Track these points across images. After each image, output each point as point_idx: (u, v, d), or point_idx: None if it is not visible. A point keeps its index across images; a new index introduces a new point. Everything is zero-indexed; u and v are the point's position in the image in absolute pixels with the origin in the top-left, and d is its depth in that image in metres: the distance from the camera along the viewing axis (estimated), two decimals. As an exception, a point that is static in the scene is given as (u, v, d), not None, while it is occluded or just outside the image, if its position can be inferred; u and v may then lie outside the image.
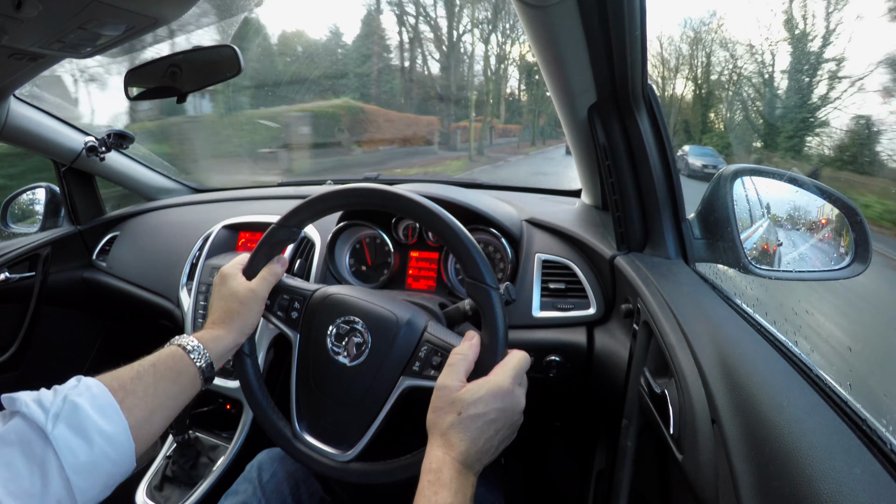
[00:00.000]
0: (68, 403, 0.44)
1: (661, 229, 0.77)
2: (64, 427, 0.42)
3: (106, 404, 0.46)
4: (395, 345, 0.60)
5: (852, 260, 0.70)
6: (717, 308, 0.62)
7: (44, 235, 1.41)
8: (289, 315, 0.67)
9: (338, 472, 0.61)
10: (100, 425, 0.44)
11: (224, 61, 0.88)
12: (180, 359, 0.55)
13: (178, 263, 1.17)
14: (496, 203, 1.02)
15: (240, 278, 0.64)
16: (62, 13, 0.64)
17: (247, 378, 0.67)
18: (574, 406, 1.12)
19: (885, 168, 7.79)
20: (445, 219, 0.58)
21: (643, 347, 0.66)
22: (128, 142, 1.35)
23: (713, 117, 14.63)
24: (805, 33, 10.57)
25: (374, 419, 0.60)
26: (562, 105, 0.82)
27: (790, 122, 10.72)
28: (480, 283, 0.55)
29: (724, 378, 0.47)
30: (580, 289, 0.87)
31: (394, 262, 1.00)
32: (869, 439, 0.36)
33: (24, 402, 0.42)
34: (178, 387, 0.54)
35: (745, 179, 0.81)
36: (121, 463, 0.46)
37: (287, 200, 1.26)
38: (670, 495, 0.66)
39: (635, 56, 0.64)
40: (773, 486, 0.35)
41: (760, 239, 0.82)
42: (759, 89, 12.16)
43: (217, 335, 0.60)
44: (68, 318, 1.50)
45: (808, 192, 0.75)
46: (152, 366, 0.53)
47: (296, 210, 0.65)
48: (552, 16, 0.60)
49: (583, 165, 1.02)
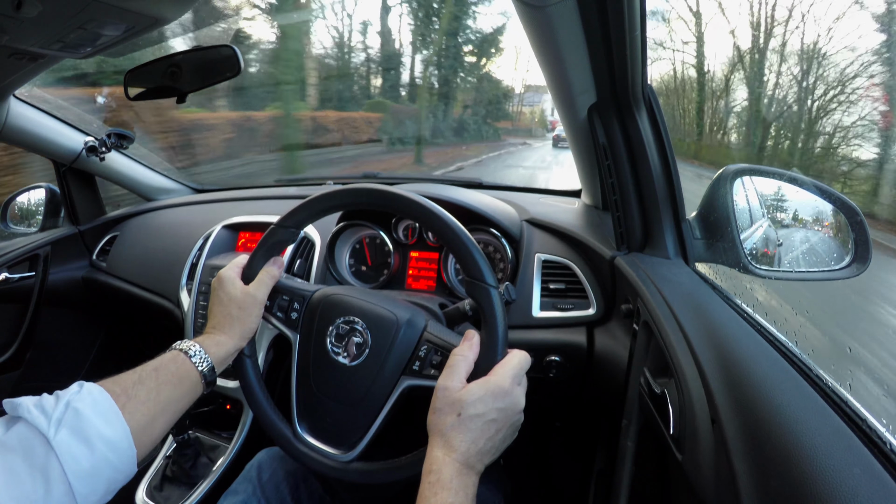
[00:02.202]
0: (70, 409, 0.44)
1: (661, 229, 0.77)
2: (66, 433, 0.42)
3: (108, 410, 0.46)
4: (395, 344, 0.60)
5: (852, 260, 0.70)
6: (717, 308, 0.62)
7: (44, 236, 1.41)
8: (288, 316, 0.67)
9: (339, 472, 0.61)
10: (102, 431, 0.44)
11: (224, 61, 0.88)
12: (182, 363, 0.56)
13: (178, 263, 1.17)
14: (496, 203, 1.02)
15: (237, 282, 0.64)
16: (62, 13, 0.64)
17: (247, 380, 0.67)
18: (574, 406, 1.12)
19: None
20: (444, 218, 0.58)
21: (643, 347, 0.66)
22: (128, 142, 1.35)
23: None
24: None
25: (374, 419, 0.60)
26: (562, 105, 0.82)
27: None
28: (480, 283, 0.55)
29: (724, 378, 0.47)
30: (580, 289, 0.87)
31: (394, 263, 1.00)
32: (869, 439, 0.36)
33: (26, 408, 0.43)
34: (179, 391, 0.54)
35: (745, 179, 0.81)
36: (122, 468, 0.46)
37: (287, 200, 1.26)
38: (670, 495, 0.66)
39: (635, 56, 0.64)
40: (773, 486, 0.35)
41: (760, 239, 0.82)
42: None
43: (218, 340, 0.60)
44: (68, 318, 1.50)
45: (808, 191, 0.75)
46: (154, 370, 0.53)
47: (293, 211, 0.65)
48: (552, 16, 0.60)
49: (583, 165, 1.02)
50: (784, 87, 10.64)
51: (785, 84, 10.66)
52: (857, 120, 8.38)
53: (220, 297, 0.63)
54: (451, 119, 14.35)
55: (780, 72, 10.85)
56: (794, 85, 10.30)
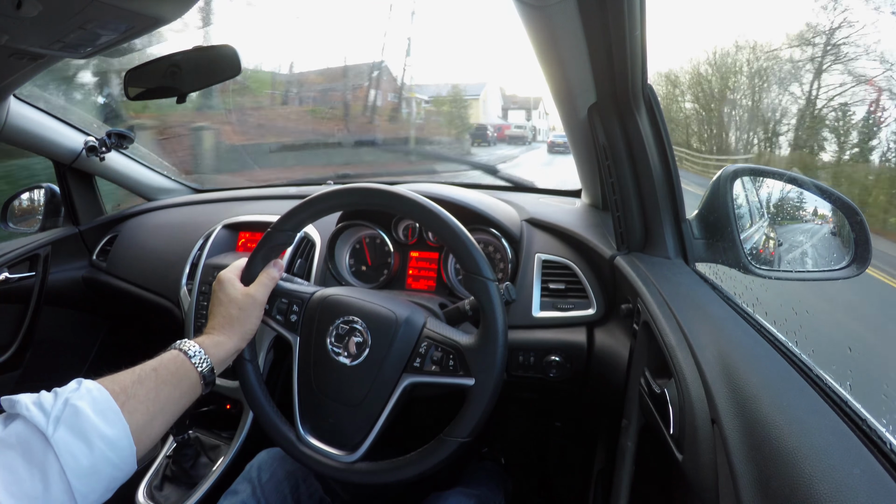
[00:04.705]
0: (69, 407, 0.44)
1: (661, 229, 0.77)
2: (65, 431, 0.42)
3: (107, 408, 0.46)
4: (395, 342, 0.60)
5: (852, 260, 0.70)
6: (717, 308, 0.62)
7: (44, 235, 1.41)
8: (288, 319, 0.67)
9: (344, 473, 0.61)
10: (101, 429, 0.44)
11: (224, 61, 0.88)
12: (182, 364, 0.56)
13: (179, 263, 1.17)
14: (496, 203, 1.02)
15: (237, 284, 0.64)
16: (62, 13, 0.64)
17: (249, 384, 0.67)
18: (574, 406, 1.12)
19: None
20: (438, 212, 0.58)
21: (643, 347, 0.66)
22: (128, 142, 1.35)
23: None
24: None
25: (377, 418, 0.60)
26: (562, 105, 0.82)
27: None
28: (477, 276, 0.55)
29: (724, 378, 0.47)
30: (580, 289, 0.87)
31: (394, 262, 1.00)
32: (869, 439, 0.36)
33: (24, 405, 0.42)
34: (179, 391, 0.54)
35: (745, 179, 0.81)
36: (122, 467, 0.46)
37: (287, 200, 1.26)
38: (670, 495, 0.66)
39: (635, 56, 0.64)
40: (773, 486, 0.35)
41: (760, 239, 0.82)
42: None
43: (218, 340, 0.60)
44: (68, 318, 1.50)
45: (807, 191, 0.75)
46: (154, 370, 0.53)
47: (290, 213, 0.65)
48: (552, 16, 0.60)
49: (583, 165, 1.02)
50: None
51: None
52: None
53: (220, 298, 0.64)
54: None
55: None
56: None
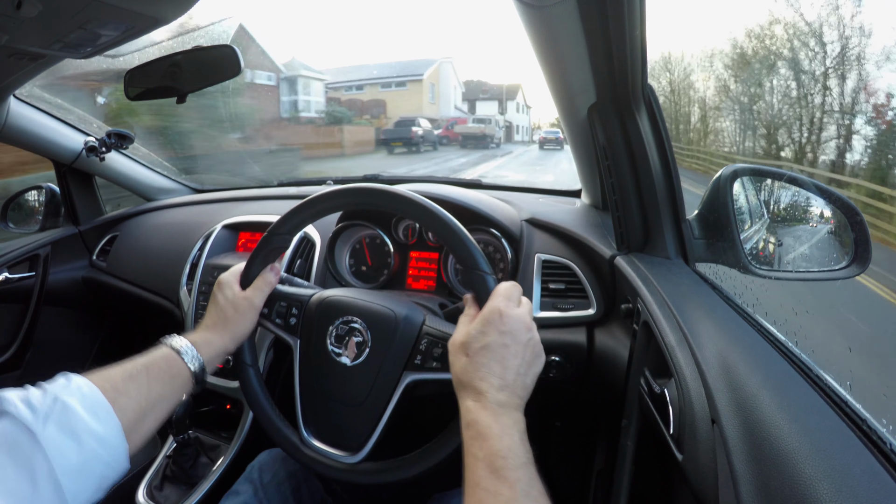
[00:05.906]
0: (59, 403, 0.43)
1: (661, 229, 0.77)
2: (54, 428, 0.41)
3: (97, 405, 0.46)
4: (395, 340, 0.60)
5: (852, 260, 0.70)
6: (717, 308, 0.62)
7: (44, 236, 1.41)
8: (287, 321, 0.67)
9: (348, 474, 0.61)
10: (91, 426, 0.43)
11: (224, 61, 0.88)
12: (174, 362, 0.56)
13: (179, 263, 1.17)
14: (496, 203, 1.02)
15: (235, 286, 0.65)
16: (62, 13, 0.64)
17: (251, 388, 0.67)
18: (574, 406, 1.12)
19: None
20: (439, 213, 0.57)
21: (643, 347, 0.66)
22: (128, 142, 1.35)
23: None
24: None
25: (380, 418, 0.60)
26: (562, 105, 0.82)
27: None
28: (476, 271, 0.55)
29: (724, 378, 0.47)
30: (580, 289, 0.87)
31: (394, 263, 1.00)
32: (869, 439, 0.36)
33: (11, 402, 0.41)
34: (170, 389, 0.54)
35: (745, 179, 0.81)
36: (113, 465, 0.45)
37: (287, 200, 1.26)
38: (670, 495, 0.66)
39: (635, 56, 0.64)
40: (773, 485, 0.35)
41: (760, 239, 0.82)
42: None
43: (208, 338, 0.60)
44: (68, 318, 1.50)
45: (807, 191, 0.75)
46: (145, 367, 0.53)
47: (289, 215, 0.65)
48: (552, 16, 0.60)
49: (583, 165, 1.02)
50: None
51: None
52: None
53: (217, 298, 0.64)
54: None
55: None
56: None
